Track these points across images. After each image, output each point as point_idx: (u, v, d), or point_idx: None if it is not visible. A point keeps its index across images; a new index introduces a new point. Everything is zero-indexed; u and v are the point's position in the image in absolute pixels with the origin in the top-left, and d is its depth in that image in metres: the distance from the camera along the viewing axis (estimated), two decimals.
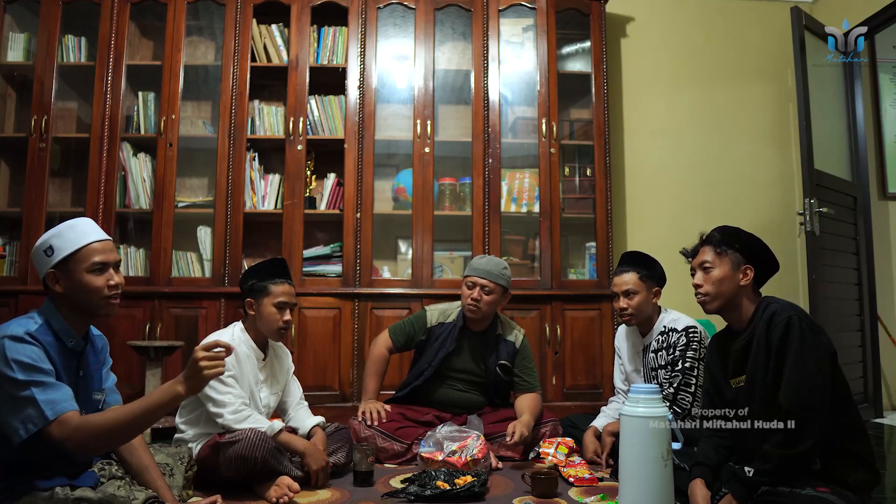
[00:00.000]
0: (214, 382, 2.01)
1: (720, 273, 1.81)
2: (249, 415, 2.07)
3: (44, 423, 1.36)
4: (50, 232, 1.55)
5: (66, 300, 1.53)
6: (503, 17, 3.61)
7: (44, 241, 1.54)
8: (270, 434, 2.05)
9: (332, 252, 3.45)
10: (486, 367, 2.67)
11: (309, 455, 2.10)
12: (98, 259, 1.53)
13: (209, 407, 2.07)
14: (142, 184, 3.43)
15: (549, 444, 2.41)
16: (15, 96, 3.58)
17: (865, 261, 3.74)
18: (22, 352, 1.40)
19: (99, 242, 1.55)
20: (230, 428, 2.03)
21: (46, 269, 1.52)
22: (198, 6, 3.51)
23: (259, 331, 2.23)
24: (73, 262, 1.51)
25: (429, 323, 2.69)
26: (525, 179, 3.56)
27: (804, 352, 1.63)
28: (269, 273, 2.24)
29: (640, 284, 2.41)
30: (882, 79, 4.12)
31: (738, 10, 4.12)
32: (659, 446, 1.61)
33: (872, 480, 1.68)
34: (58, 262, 1.51)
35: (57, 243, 1.52)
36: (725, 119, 4.04)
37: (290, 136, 3.42)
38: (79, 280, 1.51)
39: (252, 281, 2.23)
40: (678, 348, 2.32)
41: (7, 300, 3.22)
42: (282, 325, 2.20)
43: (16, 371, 1.38)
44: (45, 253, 1.52)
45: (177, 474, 1.83)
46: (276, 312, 2.19)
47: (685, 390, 2.28)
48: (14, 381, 1.37)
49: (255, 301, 2.21)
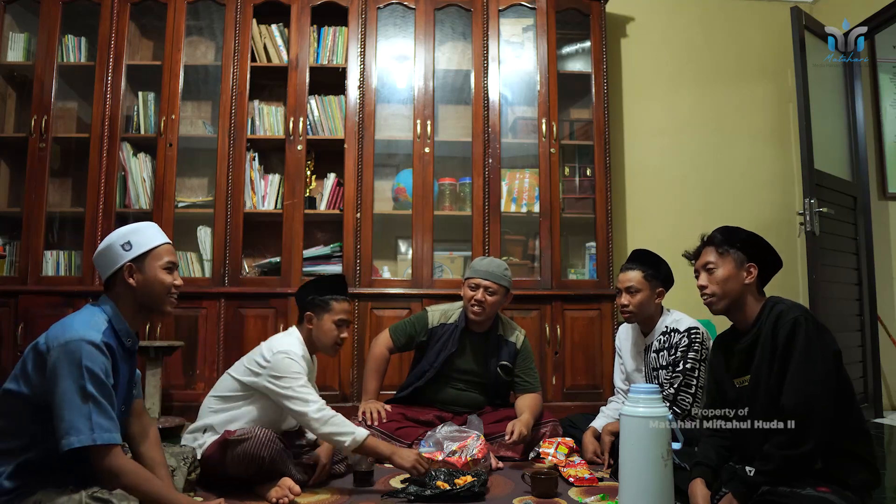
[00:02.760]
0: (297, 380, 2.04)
1: (724, 273, 1.81)
2: (334, 416, 2.04)
3: (90, 443, 1.41)
4: (125, 229, 1.64)
5: (132, 296, 1.61)
6: (503, 17, 3.61)
7: (121, 235, 1.62)
8: (360, 439, 2.01)
9: (332, 252, 3.45)
10: (487, 368, 2.67)
11: (397, 456, 2.07)
12: (171, 259, 1.65)
13: (291, 405, 2.03)
14: (142, 184, 3.43)
15: (549, 444, 2.41)
16: (15, 96, 3.58)
17: (865, 261, 3.74)
18: (97, 362, 1.46)
19: (170, 245, 1.68)
20: (312, 427, 2.03)
21: (124, 261, 1.59)
22: (198, 6, 3.51)
23: (312, 342, 2.23)
24: (151, 258, 1.62)
25: (430, 324, 2.69)
26: (525, 179, 3.56)
27: (810, 352, 1.63)
28: (331, 289, 2.25)
29: (644, 283, 2.41)
30: (882, 79, 4.12)
31: (738, 11, 4.12)
32: (659, 446, 1.61)
33: (873, 481, 1.68)
34: (137, 256, 1.60)
35: (136, 239, 1.62)
36: (725, 119, 4.03)
37: (290, 136, 3.42)
38: (153, 275, 1.61)
39: (313, 295, 2.23)
40: (680, 349, 2.32)
41: (7, 300, 3.22)
42: (339, 341, 2.23)
43: (87, 381, 1.43)
44: (123, 247, 1.60)
45: (178, 476, 1.84)
46: (335, 329, 2.21)
47: (685, 391, 2.28)
48: (84, 389, 1.42)
49: (314, 315, 2.22)
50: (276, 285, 3.33)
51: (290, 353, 2.10)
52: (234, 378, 2.15)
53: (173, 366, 3.19)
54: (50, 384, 1.43)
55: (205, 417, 2.14)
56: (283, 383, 2.04)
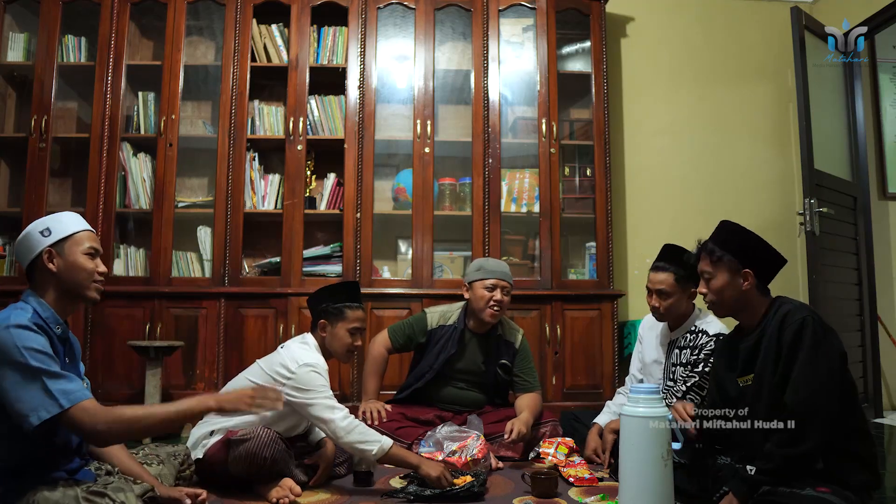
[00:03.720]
0: (323, 392, 2.05)
1: (719, 282, 1.81)
2: (359, 425, 2.04)
3: (58, 409, 1.38)
4: (42, 219, 1.63)
5: (54, 282, 1.58)
6: (503, 17, 3.61)
7: (38, 223, 1.61)
8: (386, 448, 1.99)
9: (332, 252, 3.45)
10: (487, 368, 2.67)
11: (425, 466, 2.03)
12: (93, 244, 1.62)
13: (317, 413, 2.03)
14: (142, 184, 3.43)
15: (549, 444, 2.41)
16: (15, 96, 3.58)
17: (865, 261, 3.74)
18: (32, 339, 1.43)
19: (91, 232, 1.66)
20: (337, 436, 2.01)
21: (42, 247, 1.57)
22: (198, 6, 3.51)
23: (325, 349, 2.22)
24: (70, 244, 1.59)
25: (429, 325, 2.70)
26: (525, 179, 3.56)
27: (816, 353, 1.63)
28: (345, 297, 2.25)
29: (676, 287, 2.29)
30: (882, 79, 4.12)
31: (738, 10, 4.12)
32: (659, 446, 1.61)
33: (873, 482, 1.68)
34: (55, 241, 1.58)
35: (54, 225, 1.60)
36: (725, 119, 4.03)
37: (290, 136, 3.42)
38: (73, 260, 1.58)
39: (327, 303, 2.23)
40: (704, 351, 2.27)
41: (7, 300, 3.19)
42: (353, 349, 2.23)
43: (28, 358, 1.40)
44: (42, 234, 1.59)
45: (166, 474, 1.81)
46: (349, 337, 2.21)
47: (696, 392, 2.25)
48: (27, 367, 1.39)
49: (328, 323, 2.21)
50: (276, 285, 3.33)
51: (317, 366, 2.10)
52: (254, 384, 2.06)
53: (173, 366, 3.18)
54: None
55: (213, 421, 2.08)
56: (309, 396, 2.04)
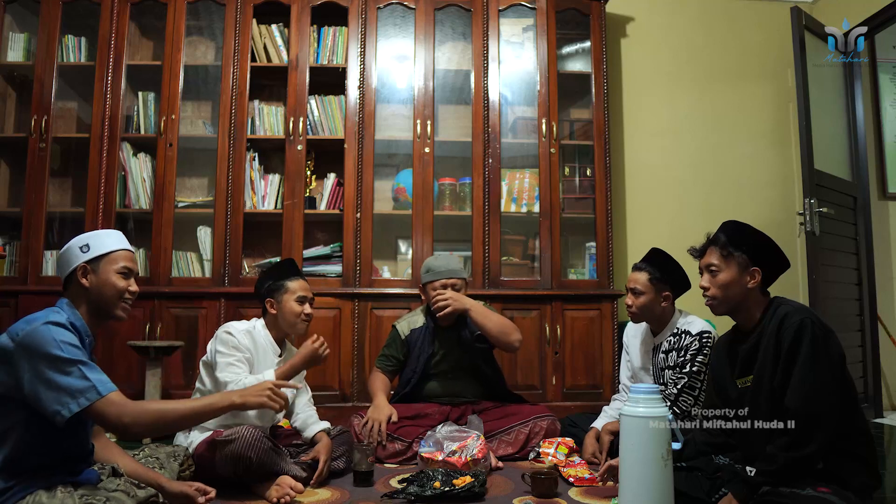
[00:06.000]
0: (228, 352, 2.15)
1: (727, 277, 1.78)
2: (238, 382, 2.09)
3: (96, 397, 1.42)
4: (86, 233, 1.69)
5: (86, 297, 1.62)
6: (503, 17, 3.61)
7: (80, 238, 1.66)
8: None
9: (332, 252, 3.45)
10: (466, 350, 2.69)
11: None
12: (127, 264, 1.67)
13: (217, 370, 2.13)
14: (142, 184, 3.43)
15: (549, 444, 2.41)
16: (15, 96, 3.58)
17: (865, 261, 3.74)
18: (68, 335, 1.48)
19: (129, 251, 1.70)
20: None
21: (79, 262, 1.62)
22: (198, 6, 3.51)
23: (279, 328, 2.31)
24: (106, 262, 1.64)
25: (402, 335, 2.73)
26: (525, 179, 3.56)
27: (816, 355, 1.62)
28: (284, 273, 2.36)
29: (648, 286, 2.39)
30: (882, 79, 4.12)
31: (738, 11, 4.12)
32: (659, 446, 1.61)
33: (874, 482, 1.68)
34: (92, 258, 1.63)
35: (94, 242, 1.65)
36: (725, 119, 4.03)
37: (290, 136, 3.42)
38: (106, 278, 1.63)
39: (268, 282, 2.33)
40: (689, 351, 2.30)
41: (7, 300, 3.22)
42: (304, 317, 2.30)
43: (64, 350, 1.44)
44: (81, 249, 1.64)
45: (167, 471, 1.83)
46: (297, 306, 2.29)
47: (688, 393, 2.27)
48: (62, 359, 1.43)
49: (275, 300, 2.30)
50: None
51: (232, 329, 2.20)
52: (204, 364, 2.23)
53: (173, 366, 3.18)
54: (22, 372, 1.41)
55: None
56: (218, 356, 2.15)
